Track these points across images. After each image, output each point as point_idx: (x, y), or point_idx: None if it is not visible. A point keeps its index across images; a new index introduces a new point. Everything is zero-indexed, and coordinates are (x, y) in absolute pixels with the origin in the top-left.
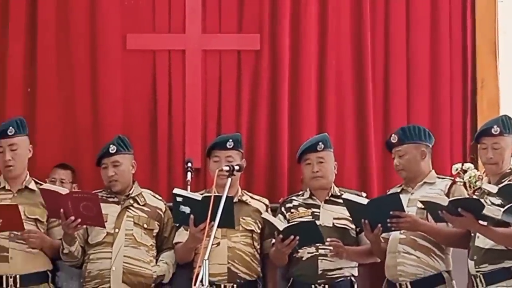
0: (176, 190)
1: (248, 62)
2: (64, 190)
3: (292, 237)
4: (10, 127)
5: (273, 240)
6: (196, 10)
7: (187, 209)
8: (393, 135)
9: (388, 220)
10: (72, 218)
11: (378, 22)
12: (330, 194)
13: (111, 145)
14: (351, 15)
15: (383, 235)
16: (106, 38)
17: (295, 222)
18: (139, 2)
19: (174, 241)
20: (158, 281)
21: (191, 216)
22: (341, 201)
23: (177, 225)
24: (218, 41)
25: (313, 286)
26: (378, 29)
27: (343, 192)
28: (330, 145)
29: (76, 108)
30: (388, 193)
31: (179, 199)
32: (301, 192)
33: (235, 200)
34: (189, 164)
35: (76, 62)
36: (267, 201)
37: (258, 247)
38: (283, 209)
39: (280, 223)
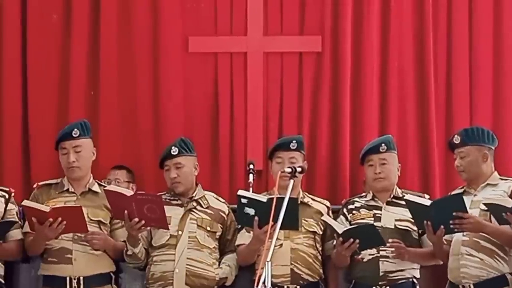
0: (241, 192)
1: (310, 64)
2: (128, 192)
3: (351, 240)
4: (75, 129)
5: (335, 242)
6: (257, 12)
7: (251, 211)
8: (456, 135)
9: (451, 222)
10: (136, 219)
11: (441, 22)
12: (392, 196)
13: (173, 147)
14: (413, 15)
15: (446, 237)
16: (168, 41)
17: (354, 226)
18: (201, 5)
19: (236, 243)
20: (221, 283)
21: (256, 217)
22: (403, 202)
23: (239, 227)
24: (279, 43)
25: (374, 287)
26: (441, 29)
27: (405, 194)
28: (394, 147)
29: (138, 110)
30: (451, 194)
31: (244, 200)
32: (363, 194)
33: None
34: (251, 166)
35: (138, 65)
36: (328, 203)
37: (320, 248)
38: (345, 210)
39: (339, 226)
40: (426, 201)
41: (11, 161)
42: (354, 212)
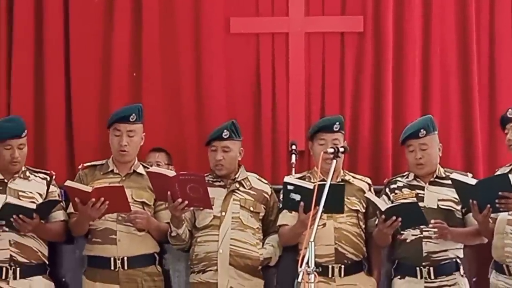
0: (287, 179)
1: (352, 44)
2: (171, 173)
3: (394, 218)
4: (133, 114)
5: (377, 220)
6: None
7: (297, 197)
8: (509, 109)
9: (496, 201)
10: (180, 200)
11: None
12: (435, 176)
13: (224, 130)
14: None
15: (491, 215)
16: (209, 22)
17: (397, 203)
18: None
19: (278, 223)
20: (265, 263)
21: (301, 203)
22: (446, 182)
23: (281, 206)
24: (321, 23)
25: (417, 268)
26: (483, 7)
27: (448, 173)
28: (434, 128)
29: (180, 92)
30: (497, 173)
31: (290, 187)
32: (405, 173)
33: (338, 180)
34: (294, 147)
35: (180, 47)
36: (369, 180)
37: (363, 226)
38: (387, 190)
39: (382, 203)
40: (471, 180)
41: (55, 144)
42: (396, 191)
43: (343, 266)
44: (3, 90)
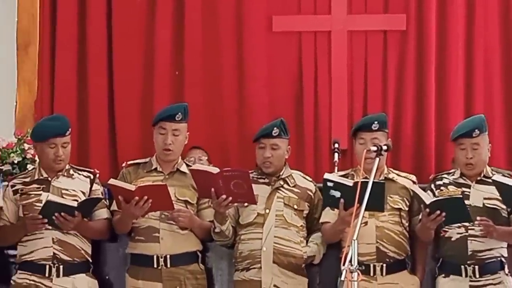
0: (327, 175)
1: (394, 43)
2: (214, 170)
3: (438, 212)
4: (179, 113)
5: (421, 215)
6: None
7: (337, 193)
8: None
9: None
10: (224, 196)
11: None
12: (482, 175)
13: (274, 128)
14: None
15: None
16: (252, 21)
17: (442, 198)
18: None
19: (321, 221)
20: (309, 261)
21: (341, 200)
22: (492, 181)
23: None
24: (364, 21)
25: (462, 267)
26: None
27: (494, 173)
28: (486, 128)
29: (222, 90)
30: None
31: (330, 184)
32: (452, 171)
33: (382, 178)
34: (336, 145)
35: (222, 45)
36: (414, 177)
37: (407, 224)
38: (432, 186)
39: (427, 197)
40: None
41: (98, 142)
42: (442, 188)
43: (384, 265)
44: (47, 89)
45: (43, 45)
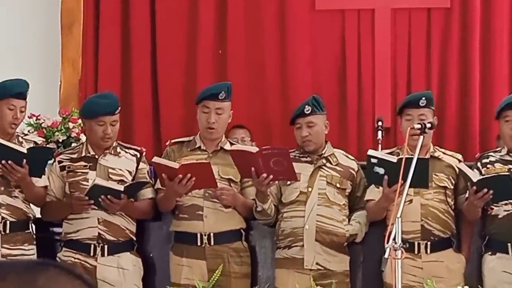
0: (371, 152)
1: (438, 20)
2: (254, 149)
3: (485, 190)
4: (222, 92)
5: (467, 194)
6: None
7: (381, 170)
8: None
9: None
10: (264, 175)
11: None
12: None
13: (306, 106)
14: None
15: None
16: None
17: (490, 175)
18: None
19: (365, 199)
20: (351, 240)
21: (385, 176)
22: None
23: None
24: None
25: (509, 244)
26: None
27: None
28: None
29: (265, 69)
30: None
31: (373, 160)
32: (498, 148)
33: (427, 156)
34: (380, 123)
35: (265, 23)
36: (460, 156)
37: (452, 203)
38: (479, 164)
39: (474, 175)
40: None
41: (142, 120)
42: (488, 166)
43: (429, 243)
44: (91, 68)
45: (87, 24)
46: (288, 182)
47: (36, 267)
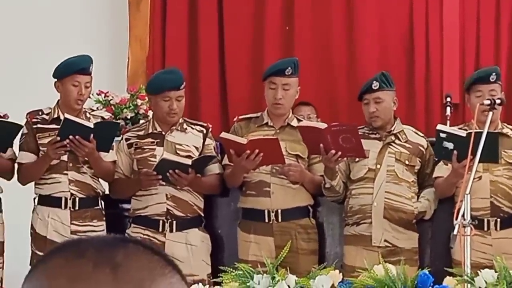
0: (440, 126)
1: None
2: (322, 125)
3: None
4: (289, 67)
5: None
6: None
7: (450, 145)
8: None
9: None
10: (333, 151)
11: None
12: None
13: (374, 81)
14: None
15: None
16: None
17: None
18: None
19: (434, 175)
20: (420, 217)
21: (454, 151)
22: None
23: (436, 159)
24: None
25: None
26: None
27: None
28: None
29: (332, 45)
30: None
31: (442, 135)
32: None
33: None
34: (448, 99)
35: (332, 0)
36: None
37: None
38: None
39: None
40: None
41: (209, 97)
42: None
43: (499, 220)
44: (158, 46)
45: (154, 2)
46: (357, 159)
47: (115, 243)
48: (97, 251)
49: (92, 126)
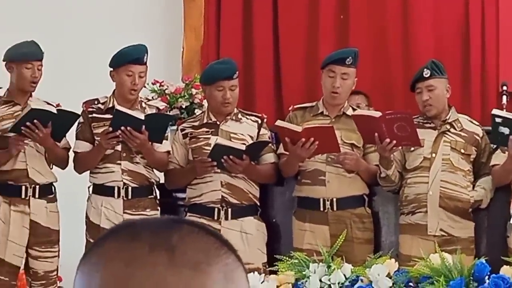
0: (496, 111)
1: None
2: (376, 113)
3: None
4: (349, 57)
5: None
6: None
7: (506, 130)
8: None
9: None
10: (387, 140)
11: None
12: None
13: (425, 69)
14: None
15: None
16: None
17: None
18: None
19: (491, 164)
20: (476, 206)
21: (510, 137)
22: None
23: (494, 147)
24: None
25: None
26: None
27: None
28: None
29: (387, 33)
30: None
31: (498, 120)
32: None
33: None
34: (504, 88)
35: None
36: None
37: None
38: None
39: None
40: None
41: (264, 86)
42: None
43: None
44: (213, 35)
45: None
46: (412, 148)
47: (169, 224)
48: (152, 233)
49: (143, 117)
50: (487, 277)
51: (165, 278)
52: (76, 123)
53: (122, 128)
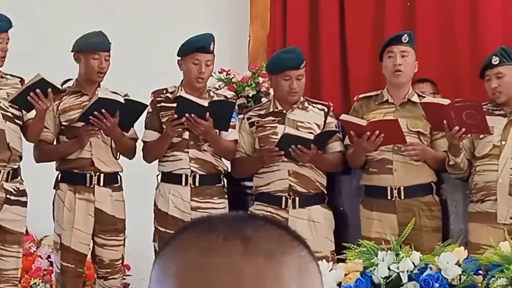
0: None
1: None
2: (445, 101)
3: None
4: (405, 35)
5: None
6: None
7: None
8: None
9: None
10: (457, 127)
11: None
12: None
13: (493, 56)
14: None
15: None
16: None
17: None
18: None
19: None
20: None
21: None
22: None
23: None
24: None
25: None
26: None
27: None
28: None
29: (454, 20)
30: None
31: None
32: None
33: None
34: None
35: None
36: None
37: None
38: None
39: None
40: None
41: (330, 75)
42: None
43: None
44: (279, 24)
45: None
46: (481, 136)
47: (244, 218)
48: (227, 225)
49: (206, 104)
50: None
51: (241, 266)
52: (145, 113)
53: (187, 115)
